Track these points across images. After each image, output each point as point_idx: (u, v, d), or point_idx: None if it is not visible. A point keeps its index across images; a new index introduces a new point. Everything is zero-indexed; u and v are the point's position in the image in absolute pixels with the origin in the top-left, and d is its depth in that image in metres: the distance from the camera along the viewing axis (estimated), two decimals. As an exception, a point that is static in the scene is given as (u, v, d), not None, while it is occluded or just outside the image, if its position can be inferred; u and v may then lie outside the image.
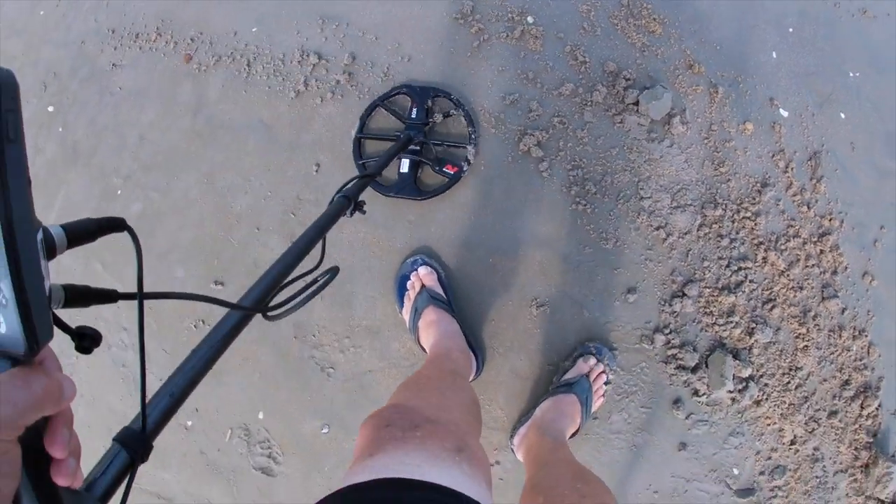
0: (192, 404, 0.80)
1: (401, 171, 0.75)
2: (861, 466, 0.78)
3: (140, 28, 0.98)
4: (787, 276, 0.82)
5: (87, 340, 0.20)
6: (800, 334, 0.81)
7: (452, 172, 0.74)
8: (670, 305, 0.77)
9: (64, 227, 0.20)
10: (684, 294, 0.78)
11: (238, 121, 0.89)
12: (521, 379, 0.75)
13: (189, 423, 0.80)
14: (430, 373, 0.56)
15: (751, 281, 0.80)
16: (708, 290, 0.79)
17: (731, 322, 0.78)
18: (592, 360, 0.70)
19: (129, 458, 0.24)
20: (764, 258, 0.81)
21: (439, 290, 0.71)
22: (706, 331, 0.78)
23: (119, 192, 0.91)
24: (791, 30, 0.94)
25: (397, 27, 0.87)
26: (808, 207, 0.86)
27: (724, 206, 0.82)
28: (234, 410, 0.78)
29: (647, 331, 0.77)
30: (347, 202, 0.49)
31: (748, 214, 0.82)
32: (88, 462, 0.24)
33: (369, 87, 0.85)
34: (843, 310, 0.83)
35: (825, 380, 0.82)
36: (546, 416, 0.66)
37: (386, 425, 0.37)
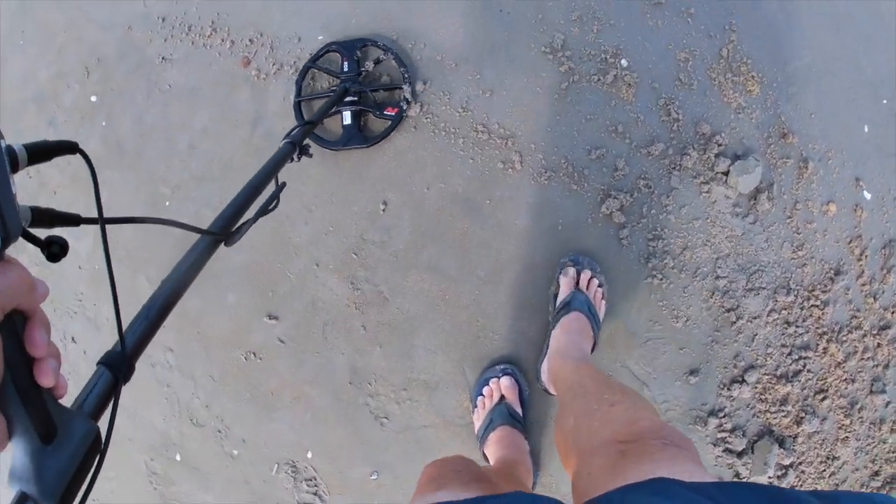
0: (239, 434, 0.76)
1: (344, 123, 0.73)
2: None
3: (193, 20, 0.85)
4: (843, 367, 0.77)
5: (55, 247, 0.21)
6: (843, 425, 0.78)
7: (394, 114, 0.72)
8: (728, 390, 0.73)
9: (24, 145, 0.20)
10: (744, 380, 0.73)
11: (299, 140, 0.79)
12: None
13: (235, 452, 0.76)
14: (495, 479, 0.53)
15: (808, 370, 0.76)
16: (767, 377, 0.74)
17: (783, 411, 0.75)
18: (572, 271, 0.65)
19: (113, 377, 0.25)
20: (825, 349, 0.76)
21: (517, 408, 0.66)
22: (758, 417, 0.74)
23: (168, 203, 0.82)
24: (885, 101, 0.84)
25: (478, 53, 0.76)
26: (875, 299, 0.80)
27: (796, 293, 0.76)
28: (283, 446, 0.74)
29: (702, 413, 0.73)
30: (292, 147, 0.49)
31: (817, 303, 0.77)
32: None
33: (445, 121, 0.75)
34: (888, 403, 0.80)
35: (857, 469, 0.80)
36: (559, 341, 0.62)
37: (454, 470, 0.38)
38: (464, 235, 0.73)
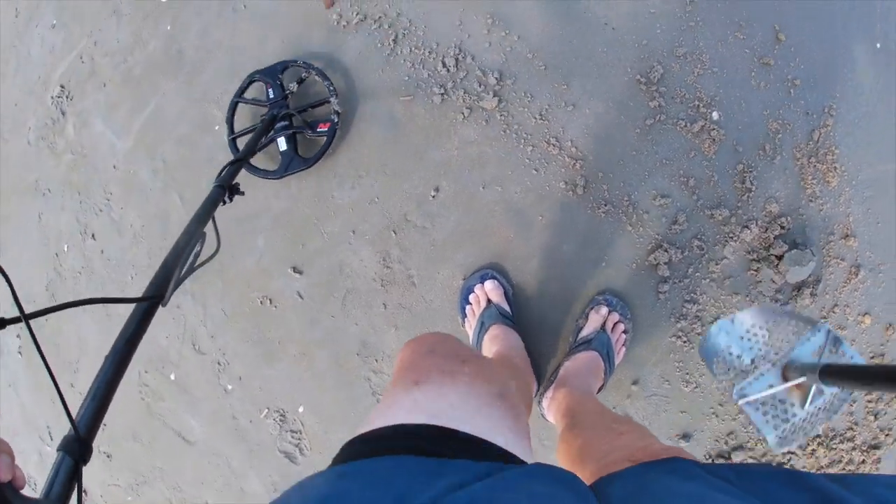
0: (237, 372, 0.75)
1: (280, 149, 0.71)
2: None
3: (289, -60, 0.77)
4: (823, 472, 0.77)
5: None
6: (803, 520, 0.78)
7: (326, 129, 0.70)
8: (713, 462, 0.72)
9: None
10: (729, 458, 0.72)
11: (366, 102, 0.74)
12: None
13: (230, 387, 0.75)
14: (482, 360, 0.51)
15: (791, 466, 0.75)
16: (752, 460, 0.73)
17: (756, 494, 0.74)
18: (604, 310, 0.64)
19: (73, 461, 0.26)
20: (813, 451, 0.75)
21: (506, 307, 0.65)
22: (730, 493, 0.74)
23: (217, 127, 0.78)
24: (951, 228, 0.79)
25: (571, 64, 0.70)
26: (875, 417, 0.79)
27: (805, 390, 0.74)
28: (277, 395, 0.74)
29: (681, 476, 0.72)
30: (222, 191, 0.47)
31: (822, 404, 0.75)
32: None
33: (520, 123, 0.70)
34: (850, 513, 0.80)
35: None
36: (569, 373, 0.61)
37: (429, 351, 0.32)
38: (506, 244, 0.70)
